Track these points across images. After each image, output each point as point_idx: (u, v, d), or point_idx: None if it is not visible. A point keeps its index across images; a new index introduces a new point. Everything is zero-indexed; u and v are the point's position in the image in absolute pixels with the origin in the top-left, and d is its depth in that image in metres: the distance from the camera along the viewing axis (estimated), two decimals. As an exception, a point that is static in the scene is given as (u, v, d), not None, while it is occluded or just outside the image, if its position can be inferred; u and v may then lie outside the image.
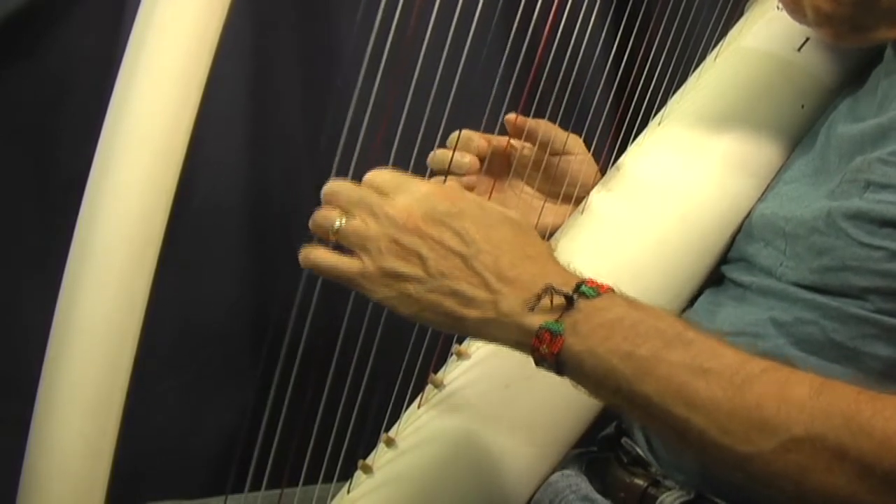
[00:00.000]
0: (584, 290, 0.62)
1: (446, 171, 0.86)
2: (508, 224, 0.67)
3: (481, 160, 0.89)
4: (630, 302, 0.63)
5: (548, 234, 0.89)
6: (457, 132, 0.87)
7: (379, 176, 0.67)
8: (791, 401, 0.57)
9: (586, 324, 0.61)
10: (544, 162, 0.90)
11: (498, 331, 0.64)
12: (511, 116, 0.87)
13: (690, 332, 0.62)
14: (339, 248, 0.67)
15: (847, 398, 0.57)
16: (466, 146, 0.88)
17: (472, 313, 0.63)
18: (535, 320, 0.62)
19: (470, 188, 0.88)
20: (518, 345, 0.64)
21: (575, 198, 0.90)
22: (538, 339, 0.62)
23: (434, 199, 0.65)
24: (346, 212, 0.66)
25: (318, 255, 0.66)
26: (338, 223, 0.65)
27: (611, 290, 0.63)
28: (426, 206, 0.65)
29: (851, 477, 0.56)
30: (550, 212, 0.90)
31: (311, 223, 0.67)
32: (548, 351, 0.61)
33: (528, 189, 0.93)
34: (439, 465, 0.78)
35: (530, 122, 0.88)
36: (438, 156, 0.87)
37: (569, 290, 0.62)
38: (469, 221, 0.65)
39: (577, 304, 0.62)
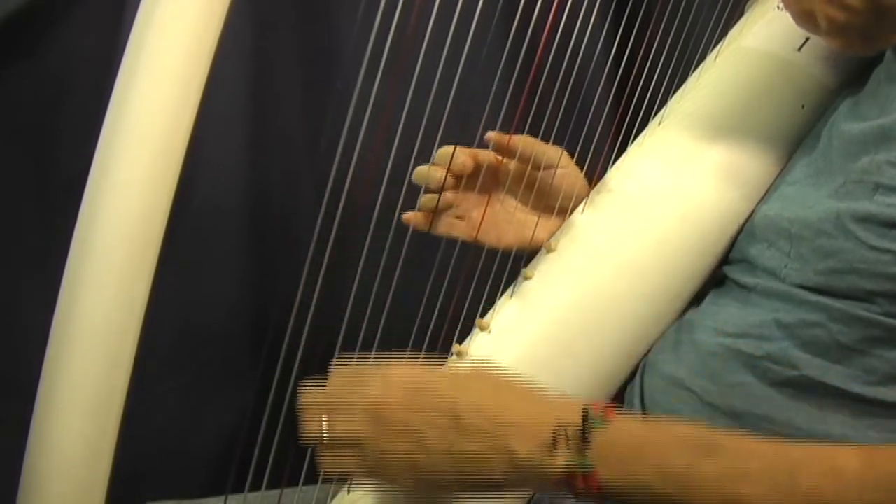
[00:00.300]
0: (593, 422, 0.62)
1: (440, 189, 0.85)
2: (477, 376, 0.67)
3: (470, 175, 0.87)
4: (642, 420, 0.64)
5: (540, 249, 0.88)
6: (445, 148, 0.85)
7: (340, 377, 0.68)
8: (844, 480, 0.58)
9: (612, 454, 0.61)
10: (537, 178, 0.89)
11: (526, 479, 0.63)
12: (491, 134, 0.86)
13: (715, 436, 0.62)
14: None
15: None
16: (454, 164, 0.85)
17: (493, 471, 0.63)
18: (559, 462, 0.61)
19: (448, 205, 0.87)
20: (552, 487, 0.63)
21: (568, 209, 0.89)
22: (571, 478, 0.61)
23: (401, 380, 0.66)
24: (327, 418, 0.66)
25: (326, 464, 0.66)
26: (325, 434, 0.66)
27: (617, 412, 0.63)
28: (396, 390, 0.65)
29: None
30: (540, 226, 0.89)
31: (302, 438, 0.67)
32: (584, 488, 0.61)
33: (514, 202, 0.91)
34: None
35: (511, 139, 0.86)
36: (421, 172, 0.85)
37: (578, 424, 0.62)
38: (442, 388, 0.65)
39: (594, 438, 0.61)
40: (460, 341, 0.83)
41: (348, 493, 0.78)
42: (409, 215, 0.86)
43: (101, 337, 0.62)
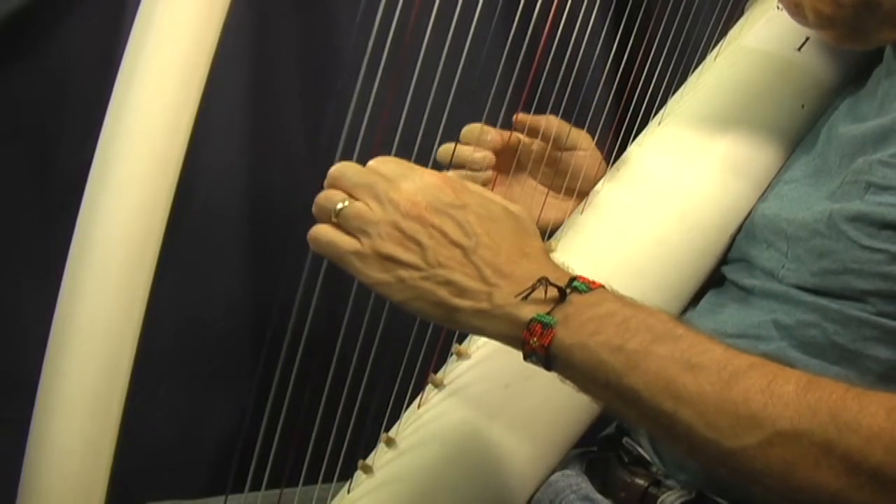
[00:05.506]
0: (576, 286, 0.63)
1: (481, 165, 0.86)
2: (511, 220, 0.67)
3: (495, 154, 0.89)
4: (621, 298, 0.64)
5: (548, 231, 0.89)
6: (472, 126, 0.87)
7: (385, 164, 0.67)
8: (777, 396, 0.57)
9: (577, 317, 0.61)
10: (558, 157, 0.90)
11: (489, 323, 0.64)
12: (520, 116, 0.87)
13: (680, 328, 0.62)
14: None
15: (834, 394, 0.57)
16: (481, 141, 0.87)
17: (464, 304, 0.63)
18: (527, 312, 0.62)
19: (486, 183, 0.88)
20: (508, 338, 0.64)
21: (578, 192, 0.90)
22: (529, 331, 0.62)
23: (440, 190, 0.65)
24: (350, 195, 0.65)
25: (318, 229, 0.66)
26: (340, 205, 0.65)
27: (602, 287, 0.64)
28: (431, 196, 0.65)
29: (839, 472, 0.56)
30: (553, 207, 0.90)
31: (314, 205, 0.66)
32: (538, 343, 0.61)
33: (532, 183, 0.93)
34: (439, 465, 0.78)
35: (537, 119, 0.88)
36: (448, 150, 0.86)
37: (562, 284, 0.62)
38: (473, 215, 0.65)
39: (569, 298, 0.62)
40: (460, 341, 0.83)
41: (348, 492, 0.78)
42: None
43: (101, 337, 0.62)
